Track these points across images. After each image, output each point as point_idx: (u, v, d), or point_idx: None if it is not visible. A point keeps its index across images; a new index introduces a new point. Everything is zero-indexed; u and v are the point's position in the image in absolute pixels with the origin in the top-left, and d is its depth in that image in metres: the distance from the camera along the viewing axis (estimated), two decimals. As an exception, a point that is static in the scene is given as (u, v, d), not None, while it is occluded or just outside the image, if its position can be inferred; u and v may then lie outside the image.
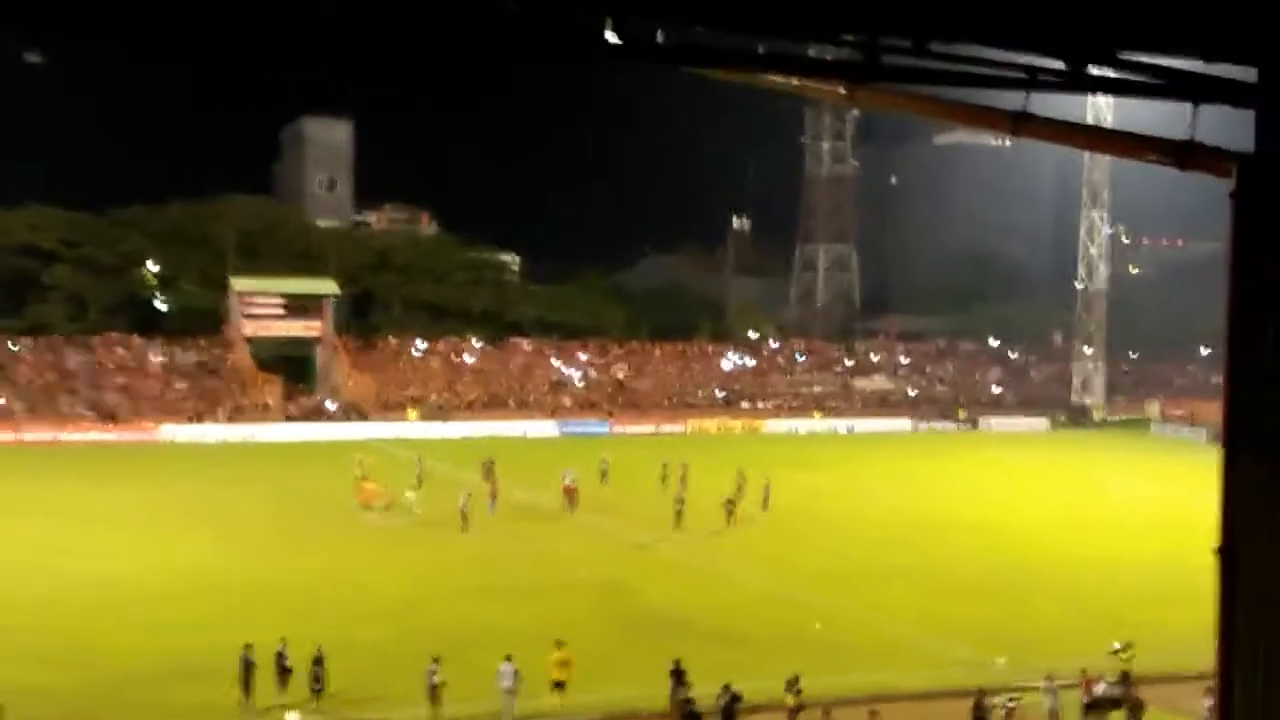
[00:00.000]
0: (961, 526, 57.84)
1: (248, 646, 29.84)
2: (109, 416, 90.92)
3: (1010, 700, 28.96)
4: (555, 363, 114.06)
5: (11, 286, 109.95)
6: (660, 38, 11.45)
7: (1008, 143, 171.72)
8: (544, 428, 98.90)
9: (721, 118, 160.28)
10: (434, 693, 29.13)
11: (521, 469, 69.18)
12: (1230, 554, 11.10)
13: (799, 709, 28.64)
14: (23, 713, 28.70)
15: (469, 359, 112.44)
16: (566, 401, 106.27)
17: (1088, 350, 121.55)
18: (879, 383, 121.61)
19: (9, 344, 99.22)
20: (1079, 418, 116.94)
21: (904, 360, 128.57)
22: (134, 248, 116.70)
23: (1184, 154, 11.48)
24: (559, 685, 30.47)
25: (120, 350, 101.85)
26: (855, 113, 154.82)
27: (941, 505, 64.38)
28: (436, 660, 29.64)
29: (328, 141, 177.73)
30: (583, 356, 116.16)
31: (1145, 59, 11.35)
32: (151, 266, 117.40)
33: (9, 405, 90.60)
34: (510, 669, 29.75)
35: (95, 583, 42.96)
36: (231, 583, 43.67)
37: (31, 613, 38.77)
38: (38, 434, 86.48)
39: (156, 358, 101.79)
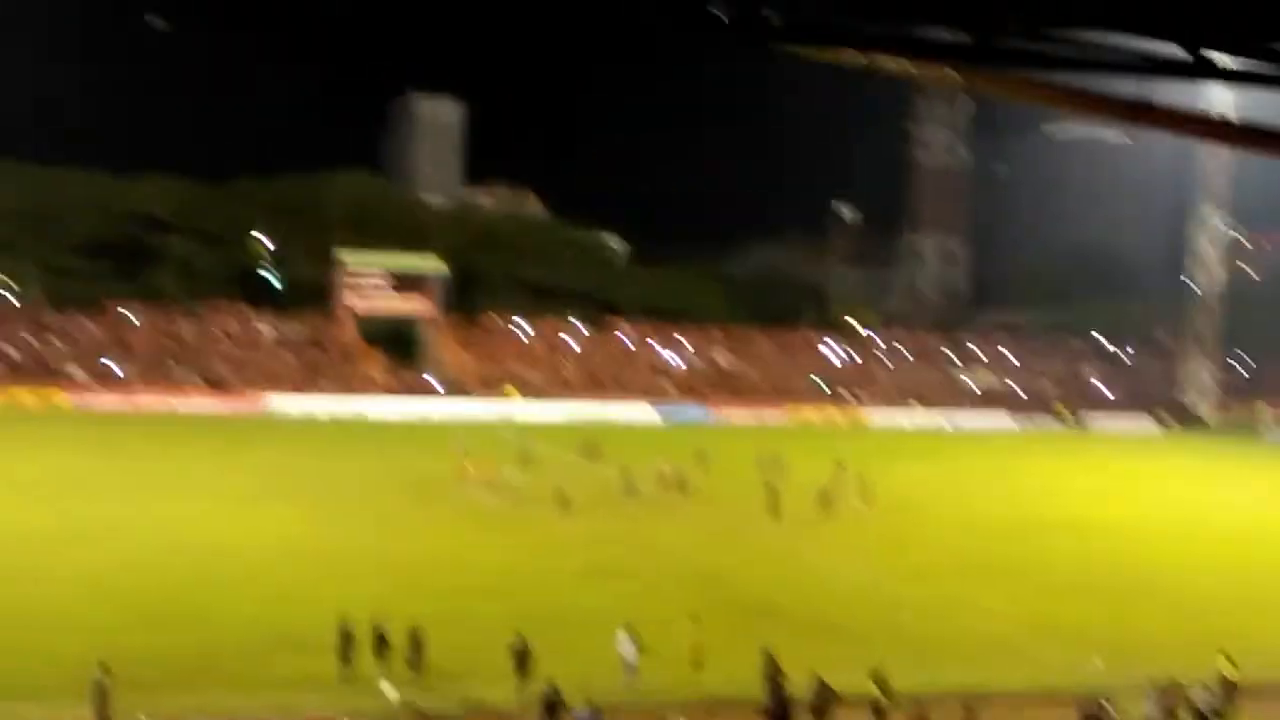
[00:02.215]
0: (1064, 526, 56.98)
1: (347, 619, 30.15)
2: (217, 385, 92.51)
3: (1105, 702, 28.41)
4: (656, 346, 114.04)
5: (127, 254, 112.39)
6: (773, 19, 11.30)
7: (1122, 136, 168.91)
8: (644, 411, 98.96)
9: (831, 106, 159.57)
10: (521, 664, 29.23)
11: (620, 452, 69.23)
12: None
13: (886, 703, 28.35)
14: (136, 674, 29.30)
15: (571, 339, 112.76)
16: (666, 385, 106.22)
17: (1198, 350, 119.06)
18: (982, 376, 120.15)
19: (123, 311, 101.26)
20: (1185, 418, 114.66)
21: (1008, 354, 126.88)
22: (246, 219, 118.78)
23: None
24: (696, 662, 30.87)
25: (230, 320, 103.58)
26: (967, 103, 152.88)
27: (1043, 503, 63.45)
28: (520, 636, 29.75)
29: (437, 119, 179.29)
30: (683, 341, 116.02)
31: (1275, 46, 10.97)
32: (261, 238, 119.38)
33: (123, 371, 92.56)
34: (628, 639, 30.36)
35: (201, 551, 43.74)
36: (333, 555, 44.22)
37: (138, 579, 39.57)
38: (149, 400, 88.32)
39: (265, 328, 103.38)
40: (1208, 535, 56.38)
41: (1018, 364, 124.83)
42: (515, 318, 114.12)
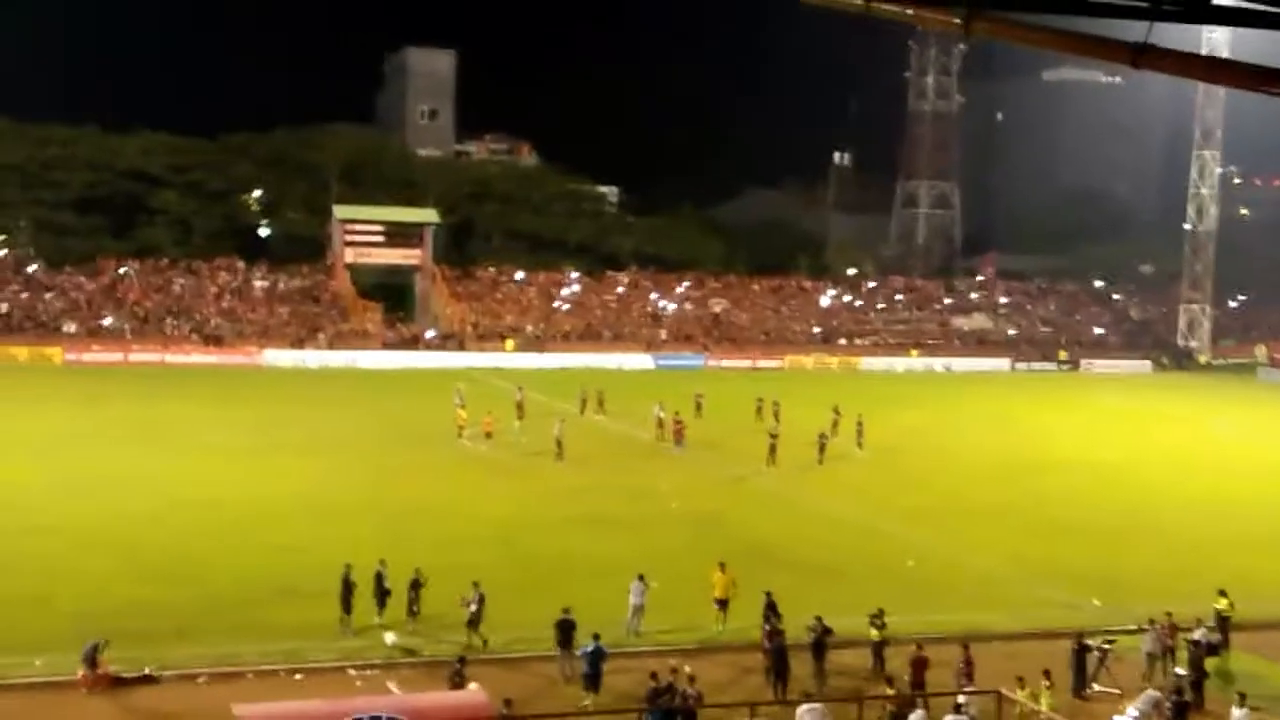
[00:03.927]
0: (1059, 466, 57.30)
1: (348, 567, 30.38)
2: (213, 340, 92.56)
3: (1106, 643, 28.70)
4: (652, 295, 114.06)
5: (121, 210, 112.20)
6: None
7: (1118, 79, 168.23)
8: (640, 360, 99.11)
9: (826, 52, 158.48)
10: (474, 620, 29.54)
11: (617, 401, 69.43)
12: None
13: (884, 643, 28.64)
14: (132, 627, 29.54)
15: (566, 290, 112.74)
16: (662, 334, 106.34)
17: (1194, 292, 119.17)
18: (978, 321, 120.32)
19: (117, 267, 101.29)
20: (1183, 360, 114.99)
21: (1004, 299, 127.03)
22: (240, 174, 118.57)
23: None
24: (721, 604, 31.29)
25: (225, 275, 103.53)
26: (962, 47, 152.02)
27: (1039, 445, 63.78)
28: (476, 584, 29.91)
29: (430, 71, 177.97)
30: (680, 289, 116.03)
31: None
32: (256, 193, 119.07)
33: (117, 326, 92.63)
34: (640, 586, 30.76)
35: (199, 503, 43.88)
36: (332, 506, 44.41)
37: (137, 531, 39.74)
38: (144, 355, 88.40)
39: (260, 283, 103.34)
40: (1203, 474, 56.71)
41: (1014, 308, 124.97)
42: (511, 268, 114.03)
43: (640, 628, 30.62)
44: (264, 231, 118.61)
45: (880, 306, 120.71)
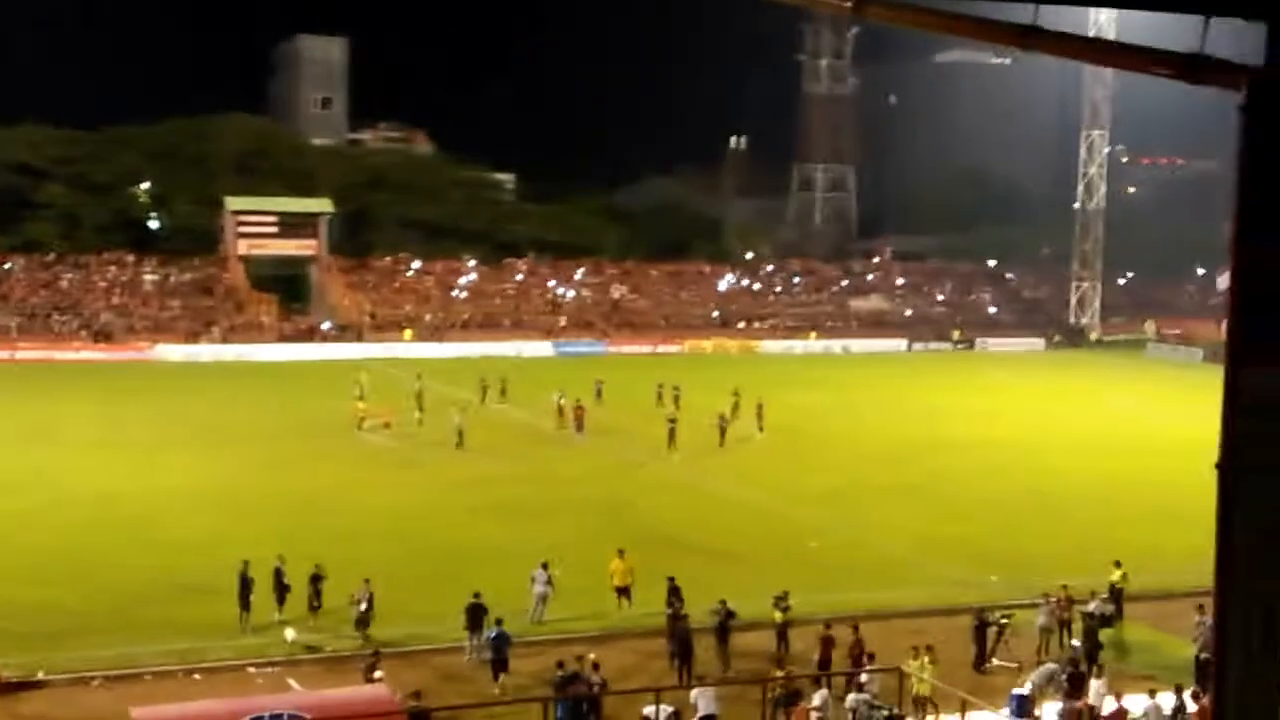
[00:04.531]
0: (956, 446, 57.94)
1: (246, 563, 29.94)
2: (103, 336, 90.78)
3: (1004, 618, 29.13)
4: (551, 283, 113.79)
5: (5, 204, 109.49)
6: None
7: (1008, 61, 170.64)
8: (539, 348, 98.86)
9: (719, 36, 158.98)
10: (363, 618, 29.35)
11: (517, 389, 69.19)
12: (1229, 470, 11.04)
13: (787, 625, 28.82)
14: (21, 629, 28.92)
15: (464, 279, 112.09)
16: (562, 321, 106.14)
17: (1084, 270, 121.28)
18: (875, 303, 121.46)
19: (2, 263, 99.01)
20: (1075, 338, 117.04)
21: (901, 281, 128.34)
22: (128, 166, 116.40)
23: (1193, 68, 11.27)
24: (622, 592, 31.34)
25: (114, 269, 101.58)
26: (854, 30, 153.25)
27: (936, 425, 64.48)
28: (367, 581, 29.62)
29: (323, 59, 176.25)
30: (578, 276, 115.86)
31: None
32: (145, 185, 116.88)
33: (3, 323, 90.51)
34: (544, 574, 30.81)
35: (94, 500, 43.11)
36: (229, 501, 43.85)
37: (32, 531, 38.93)
38: (31, 352, 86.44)
39: (151, 277, 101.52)
40: (1097, 450, 57.65)
41: (910, 289, 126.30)
42: (407, 258, 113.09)
43: (544, 616, 30.54)
44: (154, 224, 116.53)
45: (778, 290, 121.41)
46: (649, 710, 22.79)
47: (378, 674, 24.68)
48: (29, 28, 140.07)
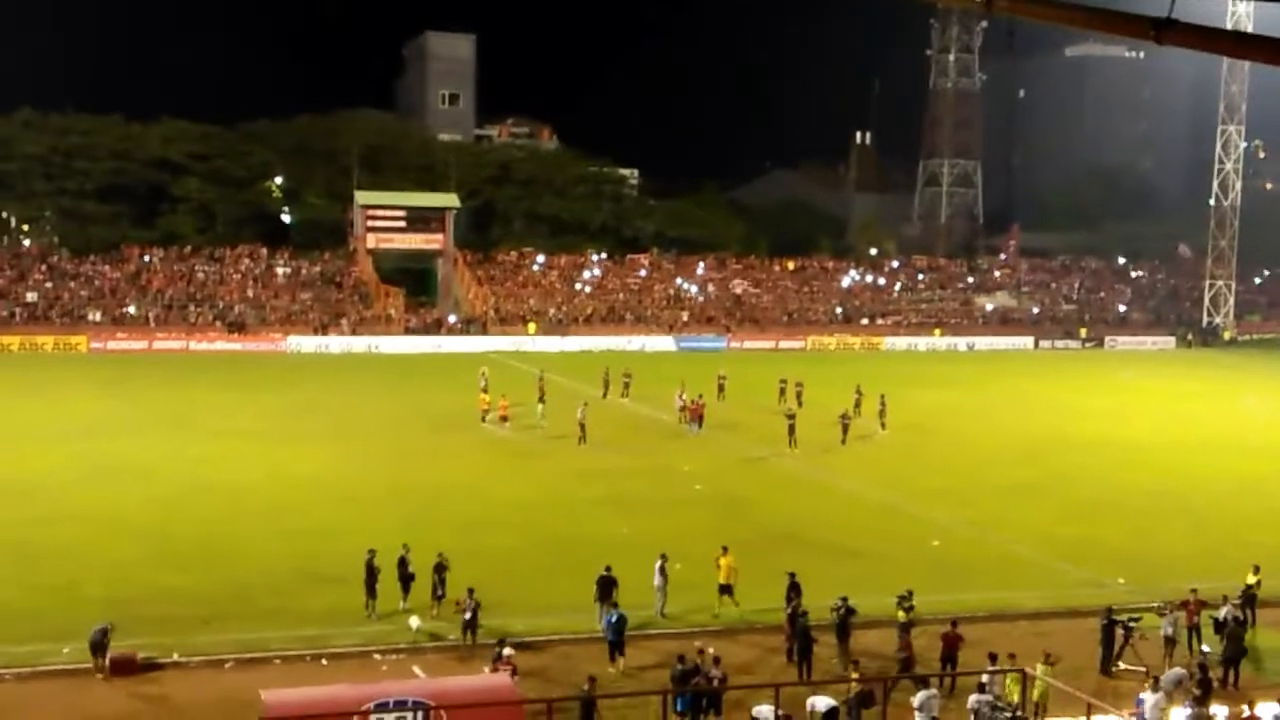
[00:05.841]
0: (1083, 445, 57.02)
1: (371, 552, 30.44)
2: (237, 327, 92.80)
3: (1131, 621, 28.58)
4: (674, 278, 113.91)
5: (145, 198, 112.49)
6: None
7: (1141, 55, 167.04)
8: (662, 342, 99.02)
9: (846, 31, 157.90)
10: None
11: (639, 384, 69.38)
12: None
13: (910, 624, 28.54)
14: (158, 613, 29.69)
15: (588, 273, 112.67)
16: (684, 316, 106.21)
17: (1219, 268, 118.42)
18: (1001, 300, 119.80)
19: (141, 255, 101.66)
20: (1208, 337, 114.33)
21: (1027, 277, 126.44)
22: (261, 161, 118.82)
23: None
24: (725, 590, 31.12)
25: (247, 262, 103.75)
26: (983, 25, 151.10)
27: (1063, 423, 63.46)
28: (471, 591, 28.91)
29: (450, 56, 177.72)
30: (701, 271, 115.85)
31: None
32: (278, 180, 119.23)
33: (141, 314, 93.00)
34: (663, 567, 31.05)
35: (223, 489, 44.07)
36: (356, 491, 44.53)
37: (163, 518, 39.90)
38: (168, 342, 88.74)
39: (283, 269, 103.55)
40: (1229, 451, 56.34)
41: (1037, 286, 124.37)
42: (532, 252, 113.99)
43: (665, 609, 30.67)
44: (286, 218, 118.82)
45: (903, 286, 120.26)
46: (759, 710, 22.73)
47: (507, 651, 24.92)
48: (170, 28, 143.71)
